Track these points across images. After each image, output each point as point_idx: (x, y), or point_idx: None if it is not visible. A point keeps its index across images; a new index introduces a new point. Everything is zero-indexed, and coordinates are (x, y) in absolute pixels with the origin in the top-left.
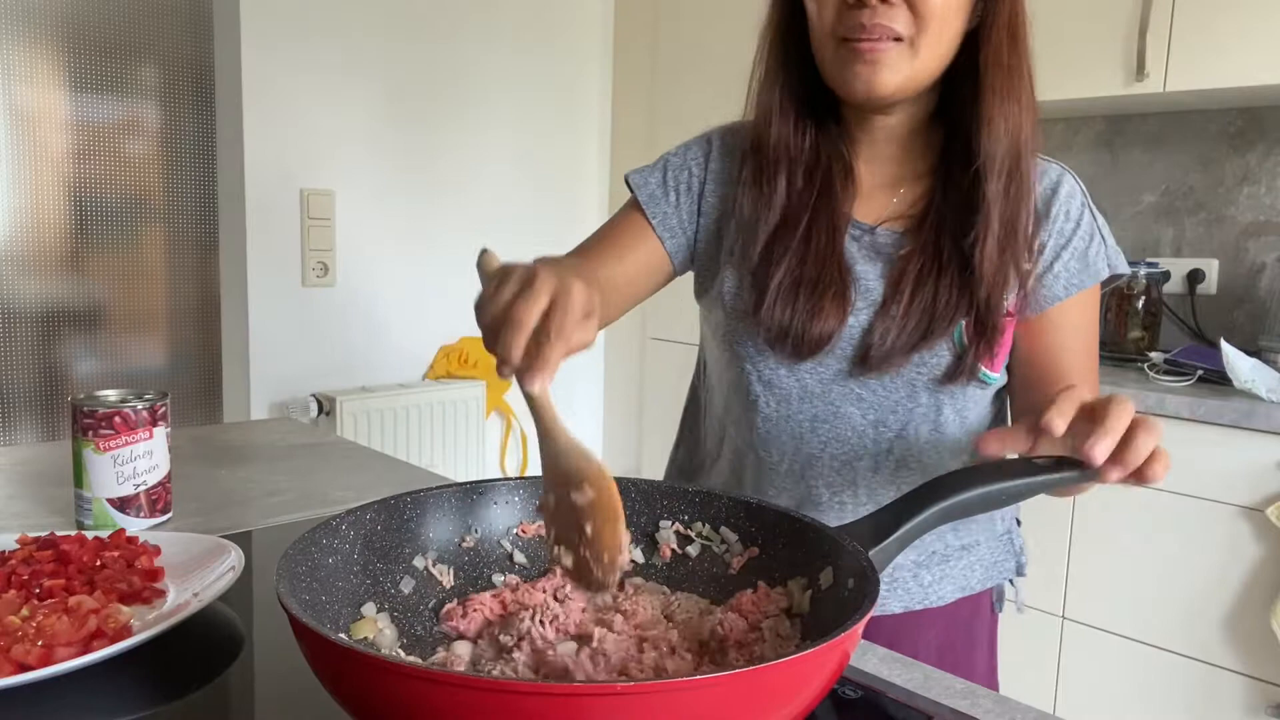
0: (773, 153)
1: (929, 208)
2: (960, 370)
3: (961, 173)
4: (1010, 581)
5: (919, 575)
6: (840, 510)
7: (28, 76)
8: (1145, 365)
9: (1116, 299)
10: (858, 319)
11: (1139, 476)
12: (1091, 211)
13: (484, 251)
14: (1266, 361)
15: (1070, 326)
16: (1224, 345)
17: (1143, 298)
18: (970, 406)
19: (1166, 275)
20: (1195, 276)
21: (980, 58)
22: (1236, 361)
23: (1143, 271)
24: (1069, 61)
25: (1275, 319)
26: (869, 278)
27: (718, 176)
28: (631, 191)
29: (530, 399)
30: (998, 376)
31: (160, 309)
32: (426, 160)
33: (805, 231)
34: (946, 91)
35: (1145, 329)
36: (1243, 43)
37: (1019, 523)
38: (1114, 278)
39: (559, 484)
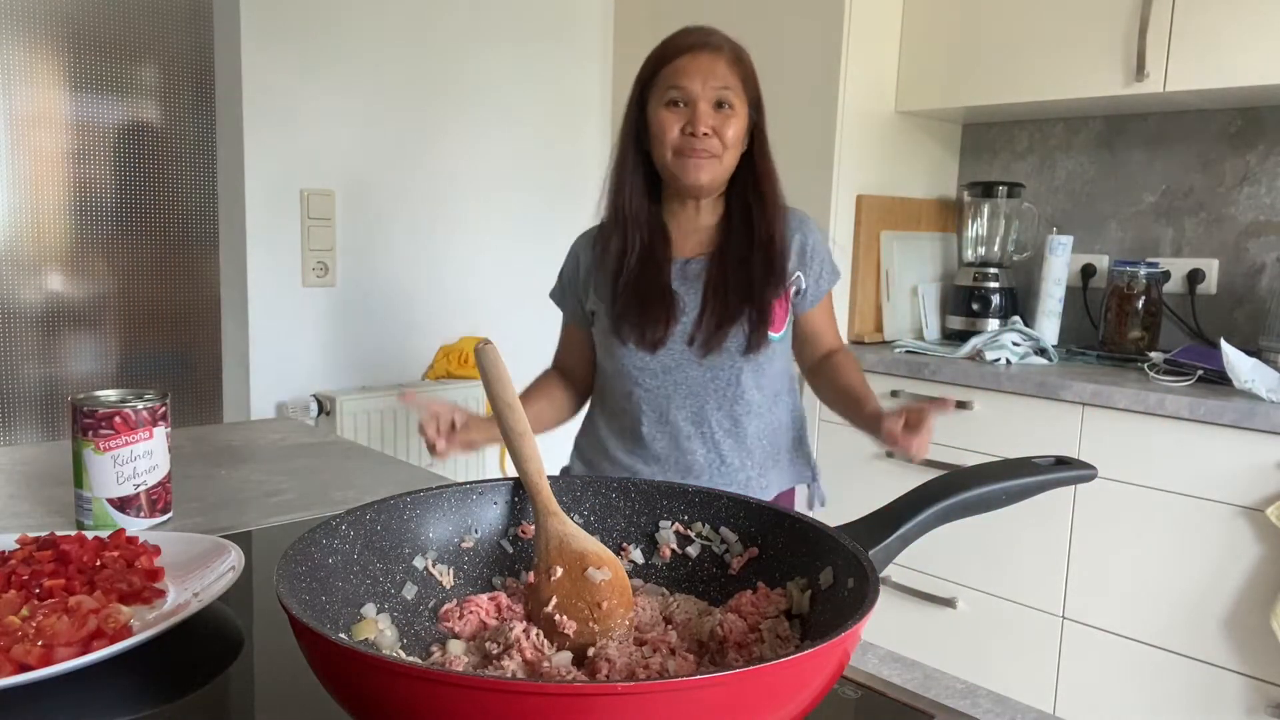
0: (627, 220)
1: (720, 247)
2: (756, 340)
3: (740, 224)
4: (809, 485)
5: (754, 478)
6: (702, 438)
7: (28, 76)
8: (1145, 365)
9: (1117, 299)
10: (687, 320)
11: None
12: (825, 243)
13: (486, 343)
14: (1266, 361)
15: (824, 310)
16: (1224, 345)
17: (1143, 298)
18: (766, 360)
19: (1166, 275)
20: (1195, 276)
21: (755, 170)
22: (1236, 361)
23: (1143, 271)
24: (1069, 61)
25: (1275, 319)
26: (688, 294)
27: (586, 260)
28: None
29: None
30: (780, 335)
31: (160, 309)
32: (426, 160)
33: (641, 271)
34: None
35: (1145, 329)
36: (1243, 43)
37: (804, 442)
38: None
39: (569, 561)
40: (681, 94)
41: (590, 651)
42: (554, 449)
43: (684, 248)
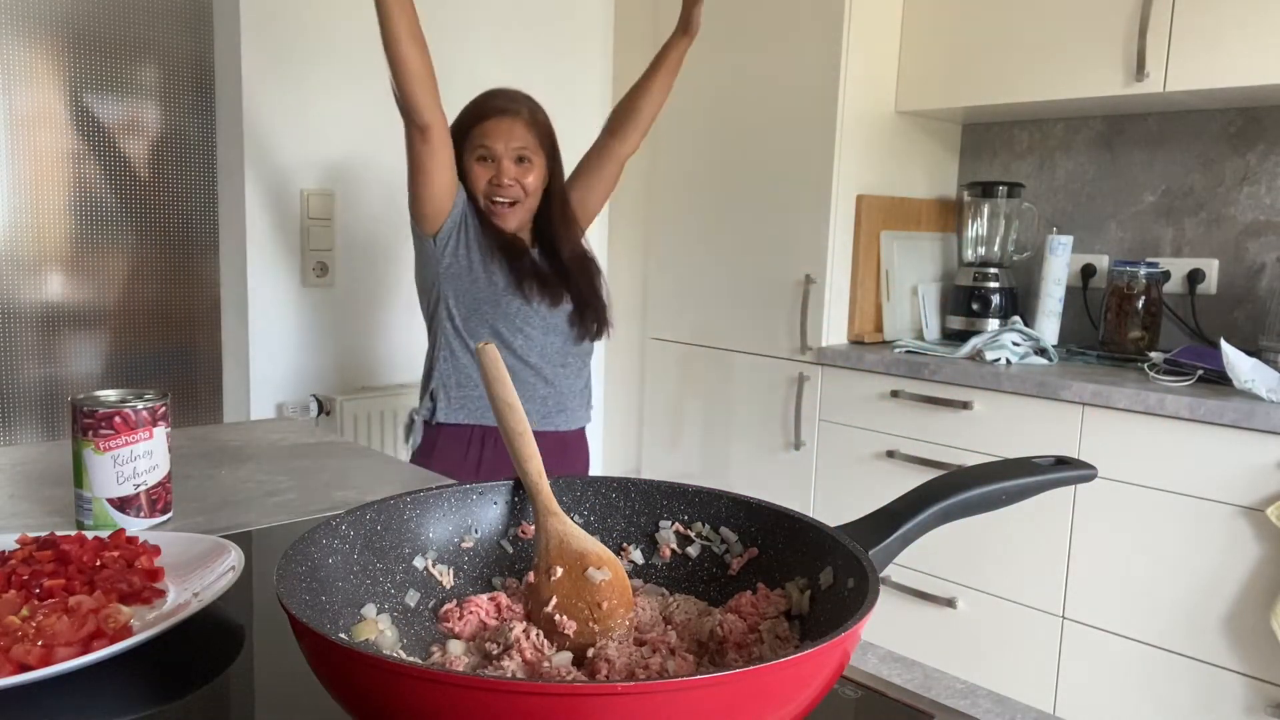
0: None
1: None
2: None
3: (548, 244)
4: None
5: (577, 412)
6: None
7: (28, 76)
8: (1145, 365)
9: (1117, 299)
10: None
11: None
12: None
13: (486, 343)
14: (1266, 361)
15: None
16: (1224, 345)
17: (1143, 298)
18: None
19: (1166, 275)
20: (1195, 276)
21: (553, 204)
22: (1236, 361)
23: (1143, 271)
24: (1069, 61)
25: (1275, 319)
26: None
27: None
28: None
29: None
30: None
31: (160, 309)
32: None
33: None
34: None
35: (1145, 329)
36: (1243, 43)
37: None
38: None
39: (569, 561)
40: (488, 151)
41: (590, 652)
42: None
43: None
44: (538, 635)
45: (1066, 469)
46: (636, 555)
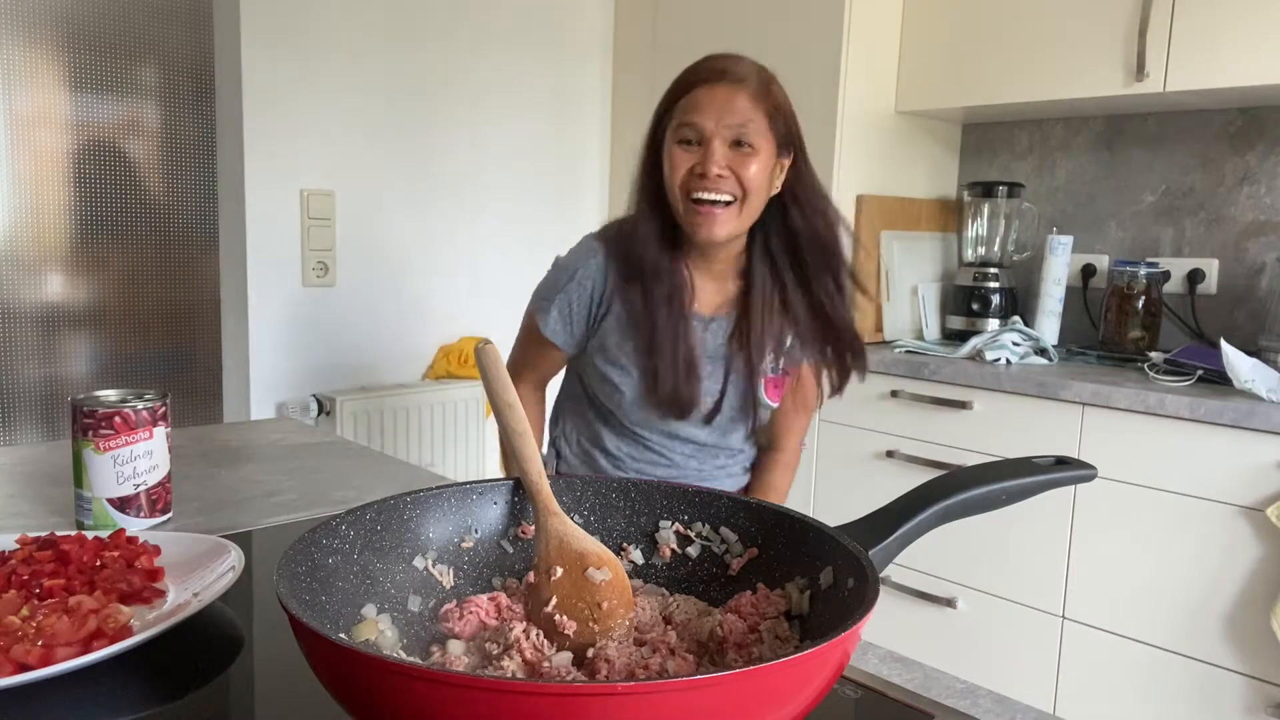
0: (648, 269)
1: (742, 307)
2: (759, 416)
3: (767, 279)
4: None
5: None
6: (671, 467)
7: (28, 76)
8: (1145, 365)
9: (1117, 299)
10: (715, 388)
11: None
12: None
13: (487, 343)
14: (1266, 361)
15: (802, 387)
16: (1224, 345)
17: (1143, 298)
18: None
19: (1166, 275)
20: (1195, 276)
21: (788, 221)
22: (1236, 361)
23: (1143, 271)
24: (1069, 61)
25: (1275, 319)
26: (711, 351)
27: (602, 302)
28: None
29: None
30: (776, 404)
31: (160, 309)
32: (426, 160)
33: (671, 327)
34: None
35: (1145, 329)
36: (1243, 43)
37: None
38: None
39: (569, 561)
40: (694, 131)
41: (590, 652)
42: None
43: (706, 300)
44: (538, 635)
45: (1066, 469)
46: (636, 555)
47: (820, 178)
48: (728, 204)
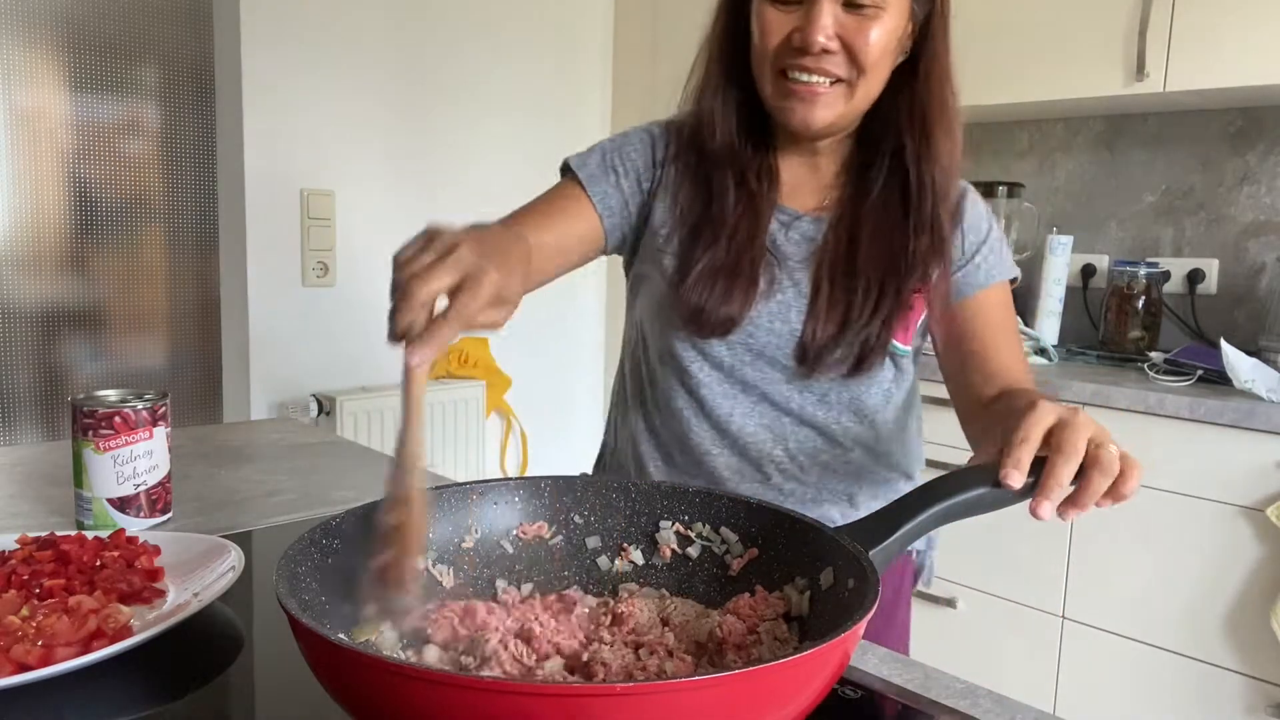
0: (713, 155)
1: (851, 204)
2: (874, 355)
3: (886, 172)
4: (915, 553)
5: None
6: (776, 465)
7: (28, 76)
8: (1145, 365)
9: (1117, 299)
10: (787, 317)
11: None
12: (995, 220)
13: (430, 223)
14: (1266, 361)
15: (996, 308)
16: (1224, 345)
17: (1143, 298)
18: (888, 381)
19: (1166, 275)
20: (1195, 276)
21: (917, 95)
22: (1236, 361)
23: (1143, 271)
24: (1069, 61)
25: (1275, 319)
26: (794, 261)
27: (656, 167)
28: (571, 171)
29: (408, 371)
30: (908, 348)
31: (160, 309)
32: (427, 160)
33: (732, 225)
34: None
35: (1145, 329)
36: (1243, 43)
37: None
38: (1013, 280)
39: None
40: None
41: (585, 656)
42: (580, 453)
43: (795, 196)
44: (516, 645)
45: None
46: (636, 556)
47: None
48: (835, 82)
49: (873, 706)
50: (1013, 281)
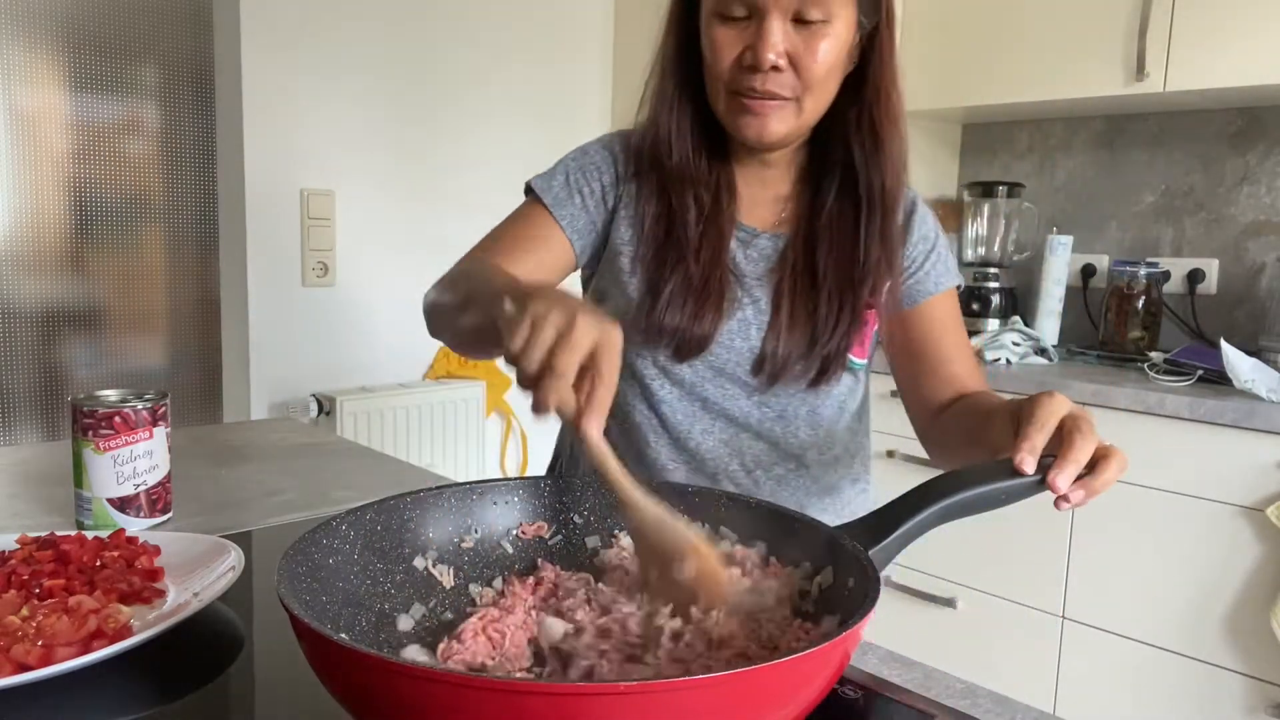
0: (672, 172)
1: (807, 219)
2: (832, 367)
3: (837, 183)
4: None
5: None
6: (731, 479)
7: (28, 76)
8: (1145, 365)
9: (1116, 299)
10: (746, 328)
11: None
12: (940, 228)
13: (506, 303)
14: (1266, 361)
15: (945, 316)
16: (1224, 345)
17: (1143, 298)
18: (844, 393)
19: (1166, 275)
20: (1195, 276)
21: (865, 104)
22: (1236, 361)
23: (1142, 271)
24: (1069, 61)
25: (1275, 319)
26: (751, 279)
27: (619, 184)
28: (535, 195)
29: (590, 446)
30: (864, 361)
31: (160, 309)
32: (427, 160)
33: (696, 244)
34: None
35: (1145, 329)
36: (1243, 43)
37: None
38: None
39: (653, 559)
40: (742, 0)
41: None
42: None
43: (752, 212)
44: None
45: None
46: (626, 541)
47: None
48: (783, 101)
49: (873, 706)
50: (958, 289)
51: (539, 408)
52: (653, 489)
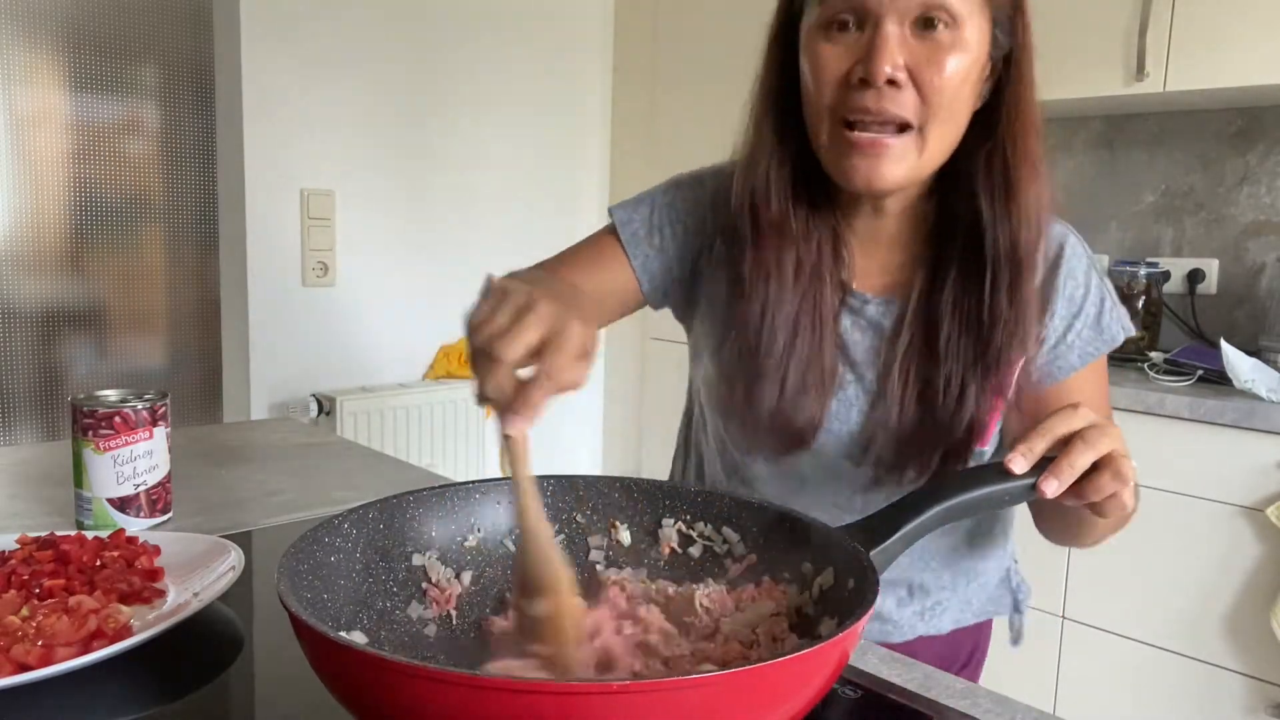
0: (772, 227)
1: (926, 284)
2: (954, 459)
3: (961, 247)
4: (1011, 615)
5: (918, 616)
6: None
7: (28, 76)
8: (1145, 365)
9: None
10: (847, 416)
11: (1094, 509)
12: (1098, 274)
13: (489, 278)
14: (1266, 361)
15: (1086, 395)
16: (1224, 345)
17: (1143, 298)
18: None
19: (1166, 275)
20: (1195, 276)
21: (1000, 145)
22: (1236, 361)
23: (1143, 271)
24: (1069, 61)
25: (1275, 319)
26: (859, 350)
27: (708, 235)
28: (613, 226)
29: (507, 442)
30: (989, 450)
31: (160, 309)
32: (426, 160)
33: (795, 316)
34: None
35: (1145, 329)
36: (1243, 43)
37: (1016, 561)
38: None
39: (522, 584)
40: (853, 9)
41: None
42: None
43: (860, 273)
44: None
45: None
46: (624, 535)
47: None
48: (903, 129)
49: (873, 706)
50: (1125, 342)
51: (479, 394)
52: (655, 487)
